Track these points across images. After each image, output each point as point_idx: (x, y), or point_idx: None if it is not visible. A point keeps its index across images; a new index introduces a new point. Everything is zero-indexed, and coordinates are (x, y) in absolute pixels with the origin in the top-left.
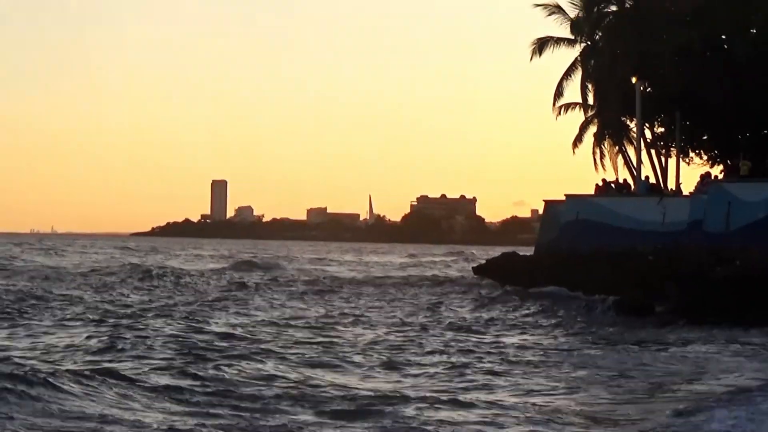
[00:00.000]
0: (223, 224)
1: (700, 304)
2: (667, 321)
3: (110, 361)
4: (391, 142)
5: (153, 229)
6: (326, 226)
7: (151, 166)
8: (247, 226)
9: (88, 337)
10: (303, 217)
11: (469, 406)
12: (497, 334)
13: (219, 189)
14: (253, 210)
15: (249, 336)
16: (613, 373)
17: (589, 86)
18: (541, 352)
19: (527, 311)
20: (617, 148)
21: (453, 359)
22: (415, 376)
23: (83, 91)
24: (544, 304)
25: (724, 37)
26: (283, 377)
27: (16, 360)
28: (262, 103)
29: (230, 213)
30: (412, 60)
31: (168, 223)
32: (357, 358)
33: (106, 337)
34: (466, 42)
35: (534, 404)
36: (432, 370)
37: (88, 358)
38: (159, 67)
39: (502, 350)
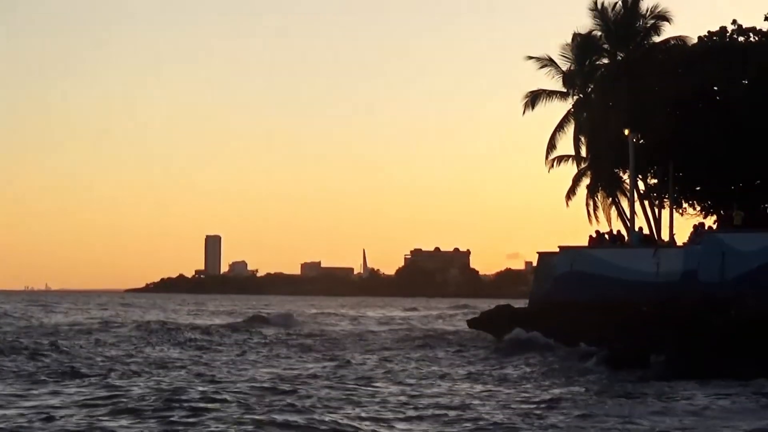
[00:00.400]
0: (217, 279)
1: (695, 354)
2: (661, 372)
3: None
4: (383, 195)
5: (147, 285)
6: (320, 281)
7: (145, 222)
8: (242, 281)
9: (104, 397)
10: (297, 271)
11: None
12: (491, 386)
13: (213, 244)
14: (247, 265)
15: (269, 388)
16: (602, 427)
17: (582, 138)
18: (532, 405)
19: (520, 364)
20: (610, 199)
21: (449, 412)
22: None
23: (75, 148)
24: (538, 356)
25: (716, 88)
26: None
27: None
28: (255, 158)
29: (224, 268)
30: (404, 114)
31: (162, 279)
32: (359, 412)
33: (124, 396)
34: (458, 95)
35: None
36: (427, 425)
37: (97, 414)
38: (152, 123)
39: (495, 401)
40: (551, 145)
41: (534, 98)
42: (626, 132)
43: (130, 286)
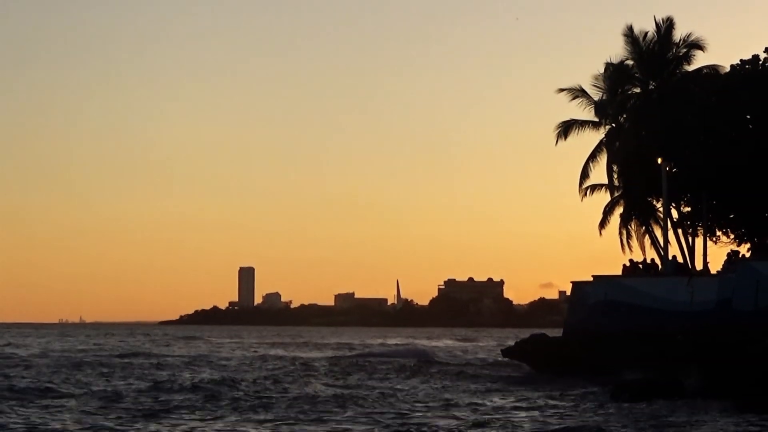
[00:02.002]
0: (251, 311)
1: (729, 383)
2: (694, 401)
3: None
4: (417, 226)
5: (181, 317)
6: (354, 311)
7: (178, 254)
8: (276, 312)
9: None
10: (331, 302)
11: None
12: (527, 420)
13: (246, 276)
14: (280, 296)
15: None
16: None
17: (615, 168)
18: None
19: (556, 394)
20: (644, 228)
21: None
22: None
23: (106, 182)
24: (573, 386)
25: (749, 116)
26: None
27: None
28: (288, 190)
29: (258, 300)
30: (437, 144)
31: (196, 311)
32: None
33: None
34: (491, 126)
35: None
36: None
37: None
38: (185, 155)
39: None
40: (584, 175)
41: (566, 128)
42: (659, 161)
43: (163, 318)
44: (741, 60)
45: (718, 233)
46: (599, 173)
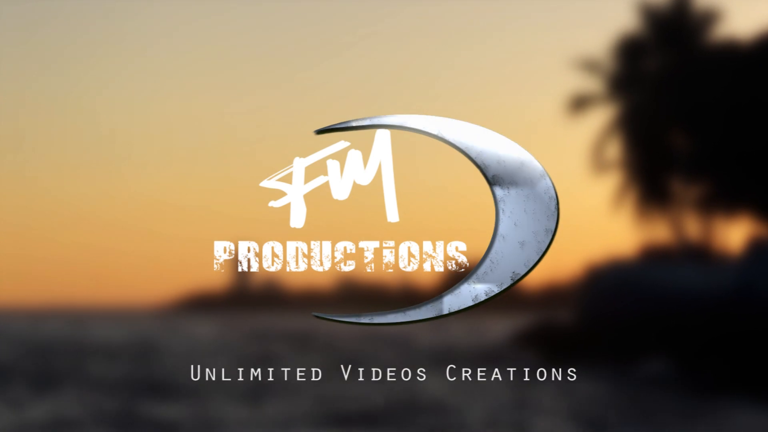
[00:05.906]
0: (246, 294)
1: (750, 369)
2: (714, 387)
3: None
4: (408, 210)
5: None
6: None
7: (168, 236)
8: (269, 295)
9: None
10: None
11: None
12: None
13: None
14: (273, 279)
15: None
16: None
17: (627, 144)
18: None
19: (565, 377)
20: (658, 208)
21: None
22: None
23: (91, 158)
24: (586, 374)
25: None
26: None
27: None
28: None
29: (252, 283)
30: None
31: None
32: None
33: None
34: (493, 103)
35: None
36: None
37: None
38: (174, 139)
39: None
40: (595, 151)
41: (578, 102)
42: (674, 137)
43: (150, 303)
44: (763, 33)
45: (738, 214)
46: (611, 149)
